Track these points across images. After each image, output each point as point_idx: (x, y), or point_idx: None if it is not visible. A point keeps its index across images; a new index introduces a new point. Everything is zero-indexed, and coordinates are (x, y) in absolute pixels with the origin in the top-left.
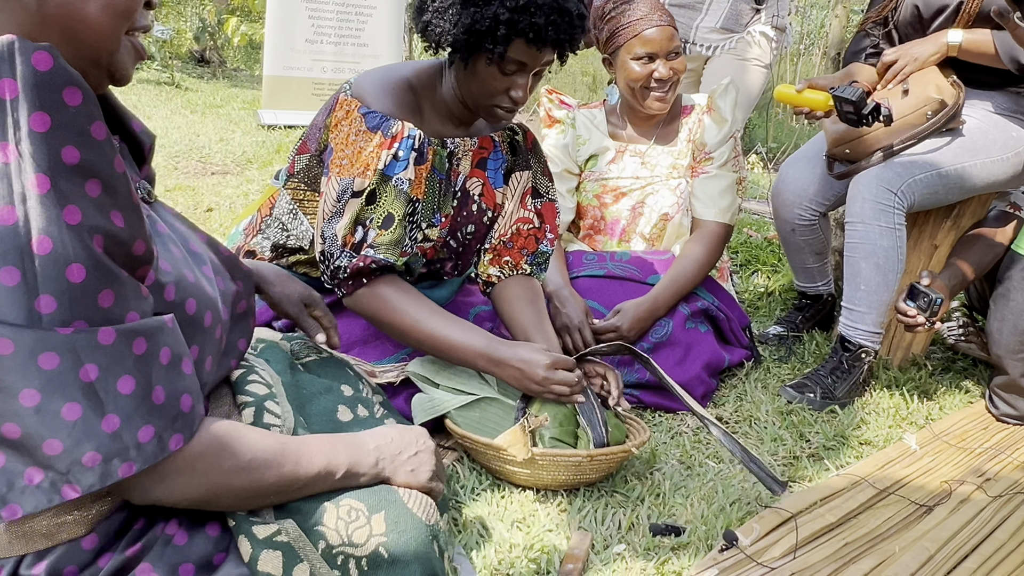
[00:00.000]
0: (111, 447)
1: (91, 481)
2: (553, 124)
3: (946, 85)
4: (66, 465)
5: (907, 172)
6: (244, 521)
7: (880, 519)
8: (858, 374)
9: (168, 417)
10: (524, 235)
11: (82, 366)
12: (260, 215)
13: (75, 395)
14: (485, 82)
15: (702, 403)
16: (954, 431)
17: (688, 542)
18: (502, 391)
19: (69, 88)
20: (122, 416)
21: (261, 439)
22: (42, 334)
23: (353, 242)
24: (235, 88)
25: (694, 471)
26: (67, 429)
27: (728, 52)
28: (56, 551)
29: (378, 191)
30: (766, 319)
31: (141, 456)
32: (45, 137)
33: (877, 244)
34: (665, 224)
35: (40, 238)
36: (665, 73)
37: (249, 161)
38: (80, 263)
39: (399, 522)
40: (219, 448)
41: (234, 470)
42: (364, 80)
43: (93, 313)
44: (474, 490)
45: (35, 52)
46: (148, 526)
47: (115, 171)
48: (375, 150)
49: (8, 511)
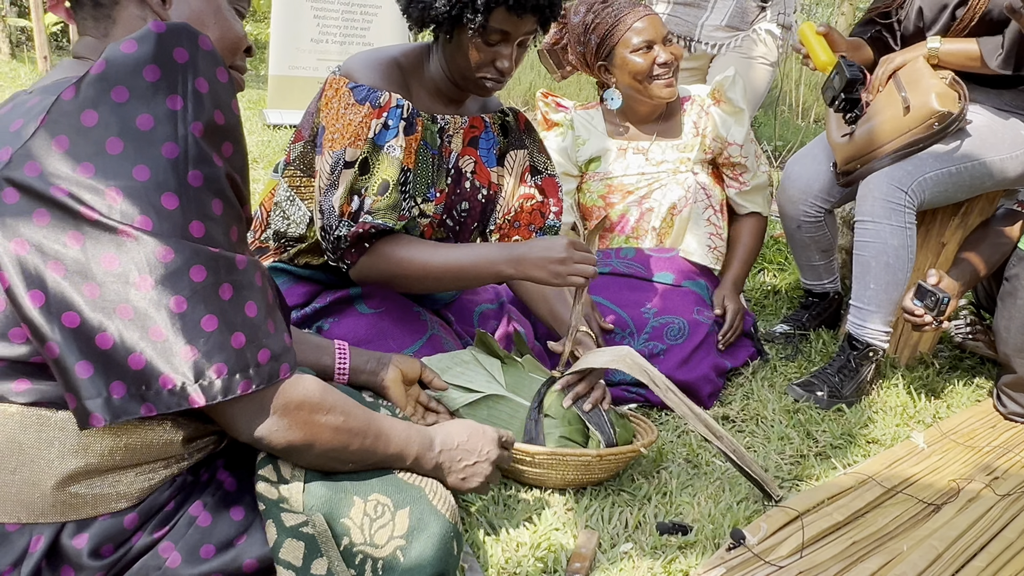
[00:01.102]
0: (236, 362)
1: (215, 392)
2: (551, 127)
3: (945, 91)
4: (196, 373)
5: (917, 170)
6: (275, 507)
7: (888, 518)
8: (865, 373)
9: (279, 346)
10: (528, 211)
11: (221, 284)
12: (264, 210)
13: (214, 308)
14: (470, 55)
15: (708, 403)
16: (962, 429)
17: (695, 541)
18: (511, 389)
19: (220, 68)
20: (247, 336)
21: (355, 408)
22: (197, 247)
23: (350, 211)
24: None
25: (701, 470)
26: (204, 338)
27: (734, 50)
28: (96, 523)
29: (370, 160)
30: (772, 317)
31: (259, 375)
32: (204, 97)
33: (887, 243)
34: (674, 218)
35: (194, 172)
36: (667, 57)
37: (255, 160)
38: (220, 200)
39: (423, 518)
40: (319, 400)
41: (330, 426)
42: (352, 60)
43: (225, 243)
44: None
45: (201, 35)
46: (177, 508)
47: (241, 140)
48: (364, 120)
49: (145, 408)
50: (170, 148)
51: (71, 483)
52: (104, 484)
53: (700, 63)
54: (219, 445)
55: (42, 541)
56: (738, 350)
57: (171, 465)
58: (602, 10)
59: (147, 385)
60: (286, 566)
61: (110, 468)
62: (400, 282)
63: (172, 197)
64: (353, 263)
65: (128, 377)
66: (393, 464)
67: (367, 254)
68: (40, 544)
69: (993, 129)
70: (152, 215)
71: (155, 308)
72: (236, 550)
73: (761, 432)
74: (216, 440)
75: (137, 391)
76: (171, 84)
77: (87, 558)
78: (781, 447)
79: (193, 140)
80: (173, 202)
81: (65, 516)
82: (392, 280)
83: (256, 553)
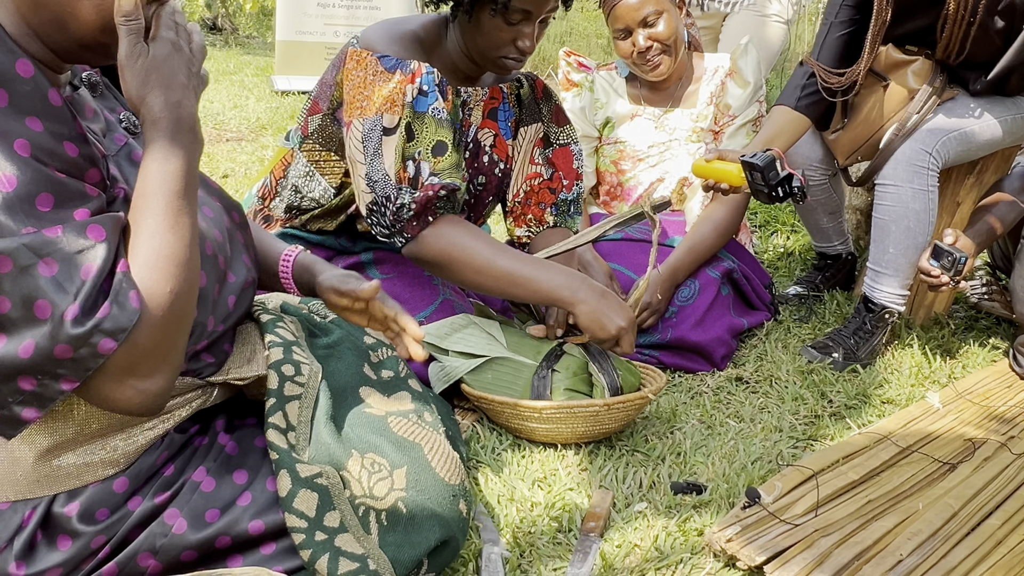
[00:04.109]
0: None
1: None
2: (571, 87)
3: (919, 67)
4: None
5: (940, 130)
6: (287, 456)
7: (903, 477)
8: (881, 335)
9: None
10: (537, 190)
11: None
12: (274, 178)
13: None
14: (491, 34)
15: (722, 365)
16: (977, 389)
17: (710, 500)
18: (512, 349)
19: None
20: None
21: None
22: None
23: (408, 178)
24: (248, 55)
25: (715, 430)
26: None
27: (747, 8)
28: (87, 491)
29: (414, 126)
30: (786, 279)
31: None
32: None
33: (909, 207)
34: (684, 189)
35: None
36: (642, 44)
37: (263, 127)
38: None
39: (420, 479)
40: None
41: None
42: (371, 32)
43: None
44: (494, 450)
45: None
46: (178, 474)
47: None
48: (398, 86)
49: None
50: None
51: (52, 456)
52: (86, 453)
53: (714, 21)
54: (205, 400)
55: (35, 515)
56: (754, 311)
57: (155, 426)
58: None
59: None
60: (299, 515)
61: (90, 436)
62: (457, 268)
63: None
64: (413, 236)
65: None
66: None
67: (432, 227)
68: (33, 518)
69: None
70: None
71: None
72: (238, 510)
73: (775, 393)
74: (200, 394)
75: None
76: None
77: (78, 523)
78: (795, 408)
79: None
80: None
81: (52, 489)
82: (448, 264)
83: (258, 511)
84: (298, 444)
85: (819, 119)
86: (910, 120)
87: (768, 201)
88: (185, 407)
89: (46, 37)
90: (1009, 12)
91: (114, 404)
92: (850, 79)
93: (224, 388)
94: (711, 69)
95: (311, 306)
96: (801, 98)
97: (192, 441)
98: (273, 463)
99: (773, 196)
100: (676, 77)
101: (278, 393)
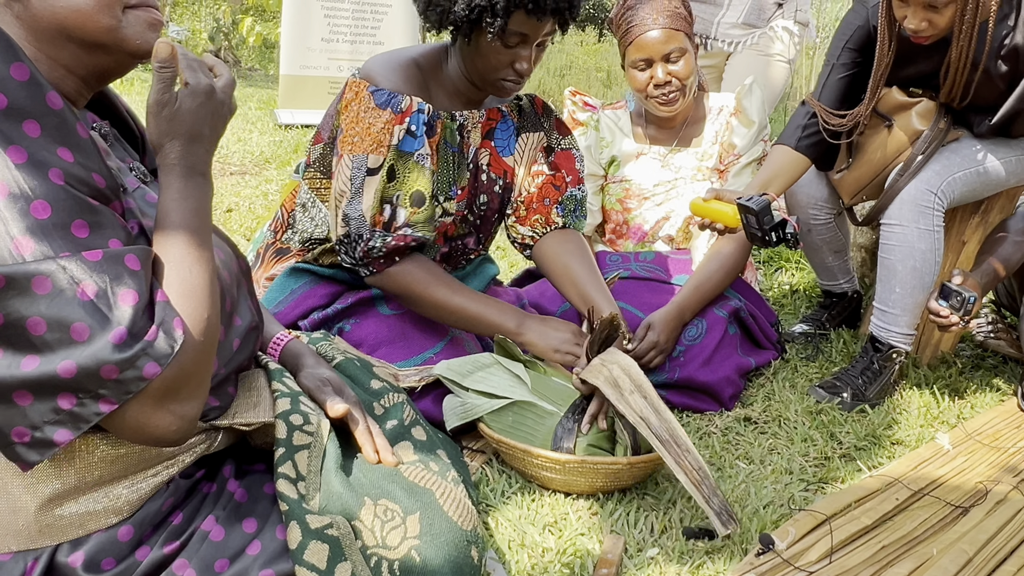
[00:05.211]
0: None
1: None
2: (576, 127)
3: (923, 108)
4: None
5: (945, 170)
6: (298, 506)
7: (916, 521)
8: (889, 375)
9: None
10: (542, 188)
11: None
12: (285, 211)
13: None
14: (489, 57)
15: (730, 404)
16: (987, 430)
17: (722, 545)
18: (537, 394)
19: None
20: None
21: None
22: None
23: (383, 222)
24: (250, 87)
25: (725, 472)
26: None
27: (750, 48)
28: (91, 540)
29: (397, 168)
30: (791, 317)
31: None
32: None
33: (915, 247)
34: (690, 228)
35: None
36: (662, 77)
37: (267, 161)
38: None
39: (434, 524)
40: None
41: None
42: (372, 62)
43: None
44: (504, 493)
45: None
46: (187, 522)
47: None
48: (386, 126)
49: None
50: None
51: (54, 505)
52: (89, 502)
53: (716, 61)
54: (210, 445)
55: (38, 566)
56: (761, 350)
57: (159, 472)
58: (626, 11)
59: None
60: (310, 568)
61: (92, 485)
62: (415, 301)
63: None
64: (378, 272)
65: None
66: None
67: (397, 265)
68: (36, 568)
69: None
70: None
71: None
72: (248, 559)
73: (784, 434)
74: (205, 439)
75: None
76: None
77: (83, 572)
78: (805, 449)
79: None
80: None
81: (55, 538)
82: (409, 297)
83: (268, 560)
84: (308, 494)
85: (819, 159)
86: (915, 161)
87: (762, 245)
88: (189, 452)
89: (55, 55)
90: (1013, 57)
91: (150, 431)
92: (852, 121)
93: (228, 433)
94: (716, 108)
95: (318, 346)
96: (802, 138)
97: (199, 487)
98: (283, 514)
99: (767, 240)
100: (682, 116)
101: (287, 443)
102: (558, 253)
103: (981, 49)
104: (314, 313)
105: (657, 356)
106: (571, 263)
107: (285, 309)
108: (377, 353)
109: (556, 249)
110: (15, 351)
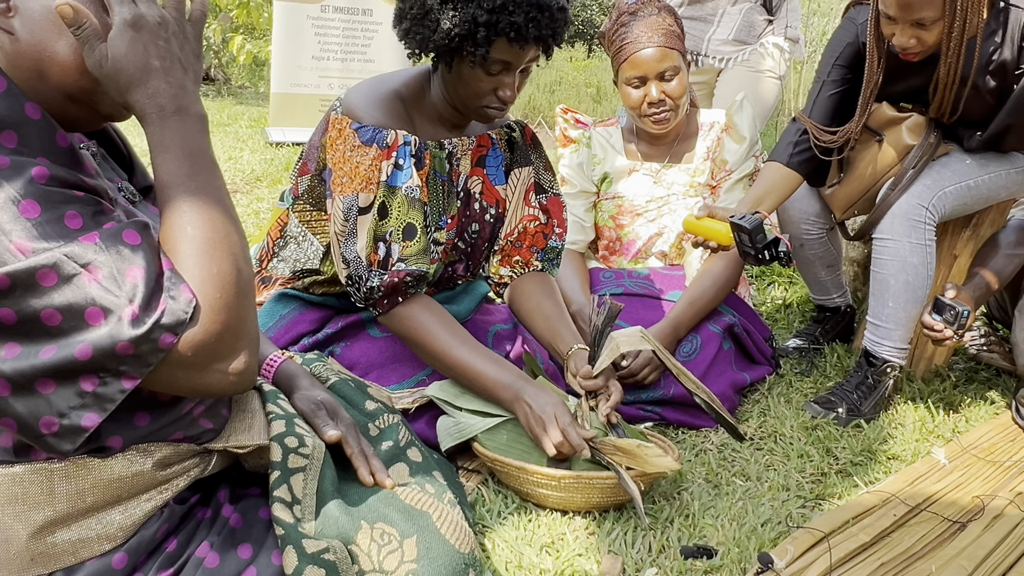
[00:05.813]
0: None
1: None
2: (568, 144)
3: (912, 123)
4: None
5: (936, 184)
6: (294, 531)
7: (914, 537)
8: (883, 389)
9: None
10: (532, 232)
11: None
12: (270, 239)
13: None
14: (471, 84)
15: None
16: (982, 444)
17: (721, 564)
18: None
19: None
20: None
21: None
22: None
23: (378, 260)
24: (241, 106)
25: (722, 490)
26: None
27: (741, 64)
28: (84, 568)
29: (388, 203)
30: (784, 331)
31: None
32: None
33: (907, 261)
34: (683, 243)
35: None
36: (656, 96)
37: (258, 179)
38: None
39: (431, 548)
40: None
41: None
42: (352, 96)
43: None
44: (500, 513)
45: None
46: (181, 549)
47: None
48: (373, 163)
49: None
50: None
51: (46, 533)
52: (81, 529)
53: (707, 77)
54: (204, 469)
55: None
56: (756, 365)
57: (152, 497)
58: (619, 27)
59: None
60: None
61: (84, 511)
62: (418, 348)
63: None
64: (384, 312)
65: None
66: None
67: (402, 306)
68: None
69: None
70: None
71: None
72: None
73: (780, 450)
74: (199, 462)
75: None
76: None
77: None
78: (801, 465)
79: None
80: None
81: (48, 567)
82: (412, 343)
83: (269, 571)
84: (304, 518)
85: (811, 175)
86: (906, 175)
87: (754, 263)
88: (183, 476)
89: (34, 94)
90: (1000, 72)
91: (208, 390)
92: (843, 138)
93: (222, 456)
94: (707, 124)
95: (312, 367)
96: (794, 155)
97: (194, 513)
98: (279, 539)
99: (760, 259)
100: (674, 132)
101: (282, 466)
102: (532, 292)
103: (969, 65)
104: (304, 339)
105: (652, 372)
106: (543, 301)
107: (275, 335)
108: (369, 376)
109: (531, 288)
110: (32, 343)
